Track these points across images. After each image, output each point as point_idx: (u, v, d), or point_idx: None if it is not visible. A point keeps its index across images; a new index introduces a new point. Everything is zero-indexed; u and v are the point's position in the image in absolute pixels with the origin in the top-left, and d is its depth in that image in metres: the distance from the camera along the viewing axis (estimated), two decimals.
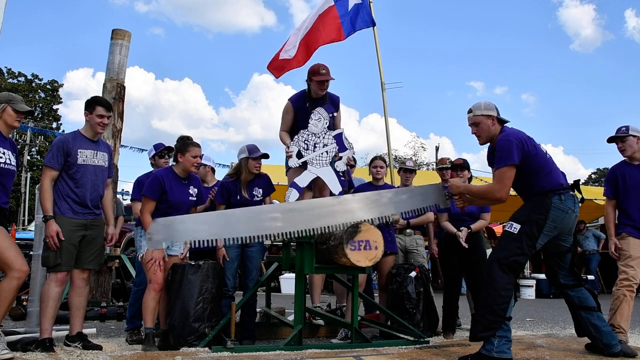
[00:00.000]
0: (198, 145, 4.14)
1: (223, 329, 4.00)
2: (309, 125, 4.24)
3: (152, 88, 62.56)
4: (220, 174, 5.85)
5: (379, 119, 61.18)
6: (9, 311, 4.63)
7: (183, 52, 74.60)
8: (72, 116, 55.29)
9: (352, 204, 3.79)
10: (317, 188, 4.41)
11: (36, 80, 33.51)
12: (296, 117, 4.49)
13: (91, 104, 3.89)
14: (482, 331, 3.31)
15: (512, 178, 3.43)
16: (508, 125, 3.61)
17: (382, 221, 3.87)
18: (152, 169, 4.81)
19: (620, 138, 4.24)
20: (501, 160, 3.42)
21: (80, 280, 3.87)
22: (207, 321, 3.94)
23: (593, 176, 41.03)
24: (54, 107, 34.17)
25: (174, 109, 62.76)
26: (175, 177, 4.10)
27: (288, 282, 10.29)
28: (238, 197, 4.29)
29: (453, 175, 4.90)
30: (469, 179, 5.00)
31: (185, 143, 4.12)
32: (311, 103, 4.41)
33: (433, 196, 3.91)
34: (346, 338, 4.43)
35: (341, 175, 4.49)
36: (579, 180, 3.64)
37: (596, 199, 10.70)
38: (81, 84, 56.30)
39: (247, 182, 4.33)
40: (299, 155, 4.20)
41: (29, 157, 29.22)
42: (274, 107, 60.19)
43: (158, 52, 70.78)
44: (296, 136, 4.23)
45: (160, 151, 4.84)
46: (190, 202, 4.16)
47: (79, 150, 3.82)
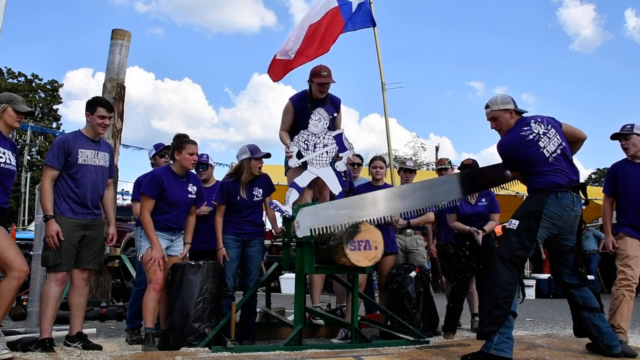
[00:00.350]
0: (194, 142, 4.13)
1: (223, 329, 4.00)
2: (309, 125, 4.23)
3: (152, 88, 62.68)
4: (220, 174, 5.84)
5: (379, 119, 61.23)
6: (9, 311, 4.63)
7: (183, 52, 74.72)
8: (72, 116, 55.41)
9: (450, 184, 4.19)
10: (317, 188, 4.40)
11: (36, 80, 33.53)
12: (296, 117, 4.49)
13: (92, 105, 3.89)
14: (488, 325, 3.36)
15: (518, 177, 3.82)
16: (525, 114, 3.71)
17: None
18: (152, 169, 4.80)
19: (624, 135, 4.23)
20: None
21: (80, 280, 3.87)
22: (207, 321, 3.94)
23: (593, 176, 41.01)
24: (54, 107, 34.19)
25: (174, 109, 62.88)
26: (173, 175, 4.10)
27: (288, 282, 10.29)
28: (238, 197, 4.29)
29: None
30: None
31: (181, 141, 4.12)
32: (312, 103, 4.40)
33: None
34: (346, 338, 4.43)
35: (342, 175, 4.49)
36: (586, 183, 3.76)
37: (596, 199, 10.67)
38: (81, 84, 56.43)
39: (248, 182, 4.33)
40: (299, 155, 4.19)
41: (29, 157, 29.22)
42: (274, 107, 60.25)
43: (158, 52, 70.90)
44: (296, 136, 4.23)
45: (160, 150, 4.85)
46: (189, 200, 4.16)
47: (80, 150, 3.82)
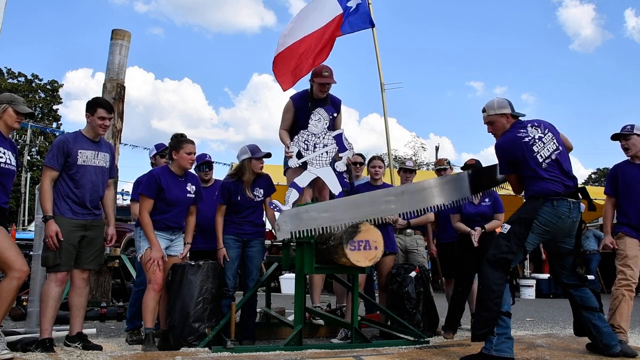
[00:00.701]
0: (192, 141, 4.14)
1: (223, 329, 4.00)
2: (309, 125, 4.23)
3: (152, 88, 62.69)
4: (220, 174, 5.83)
5: (379, 119, 61.15)
6: (9, 311, 4.63)
7: (183, 52, 74.72)
8: (72, 116, 55.37)
9: (448, 185, 4.15)
10: (317, 188, 4.40)
11: (36, 80, 33.52)
12: (296, 117, 4.48)
13: (92, 106, 3.89)
14: (480, 328, 3.38)
15: (512, 181, 3.78)
16: (522, 118, 3.69)
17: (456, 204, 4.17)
18: (151, 169, 4.80)
19: (624, 136, 4.23)
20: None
21: (80, 280, 3.87)
22: (207, 321, 3.94)
23: (593, 176, 41.02)
24: (54, 108, 34.19)
25: (174, 109, 62.88)
26: (171, 175, 4.10)
27: (288, 282, 10.28)
28: (239, 197, 4.29)
29: None
30: None
31: (179, 140, 4.12)
32: (312, 103, 4.40)
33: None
34: (346, 338, 4.43)
35: (343, 176, 4.49)
36: (584, 188, 3.74)
37: (596, 199, 10.66)
38: (81, 84, 56.44)
39: (249, 183, 4.33)
40: (299, 155, 4.19)
41: (29, 157, 29.21)
42: (274, 107, 60.28)
43: (158, 52, 70.91)
44: (296, 136, 4.22)
45: (161, 151, 4.85)
46: (188, 200, 4.16)
47: (80, 150, 3.82)
